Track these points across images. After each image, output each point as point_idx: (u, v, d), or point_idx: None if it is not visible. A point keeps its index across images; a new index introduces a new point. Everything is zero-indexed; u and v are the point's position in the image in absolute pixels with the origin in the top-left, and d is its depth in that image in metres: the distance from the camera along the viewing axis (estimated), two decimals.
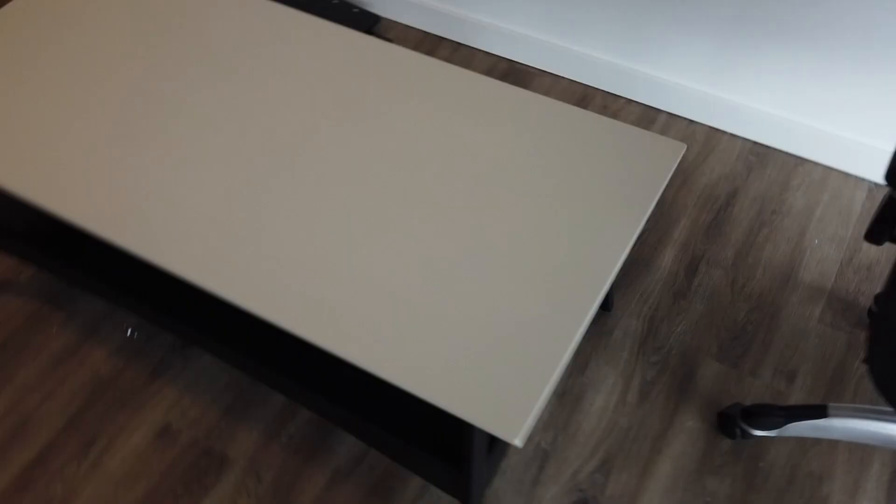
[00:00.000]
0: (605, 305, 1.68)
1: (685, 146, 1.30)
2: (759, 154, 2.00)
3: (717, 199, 1.90)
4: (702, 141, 2.03)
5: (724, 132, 2.05)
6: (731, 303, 1.71)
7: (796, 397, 1.55)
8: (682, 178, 1.94)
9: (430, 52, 2.22)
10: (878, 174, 1.92)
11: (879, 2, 1.65)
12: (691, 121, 2.08)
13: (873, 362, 1.06)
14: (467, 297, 1.09)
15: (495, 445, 1.27)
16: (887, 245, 1.81)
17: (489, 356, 1.03)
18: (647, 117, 2.08)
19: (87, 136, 1.27)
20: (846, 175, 1.96)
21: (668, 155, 1.29)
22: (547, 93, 2.11)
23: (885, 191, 1.10)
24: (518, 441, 0.97)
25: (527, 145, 1.28)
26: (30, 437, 1.47)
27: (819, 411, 1.40)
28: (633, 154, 1.27)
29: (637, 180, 1.23)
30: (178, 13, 1.49)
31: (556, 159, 1.26)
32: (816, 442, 1.50)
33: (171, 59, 1.40)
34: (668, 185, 1.92)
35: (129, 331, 1.62)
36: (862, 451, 1.49)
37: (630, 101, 2.12)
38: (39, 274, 1.71)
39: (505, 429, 0.98)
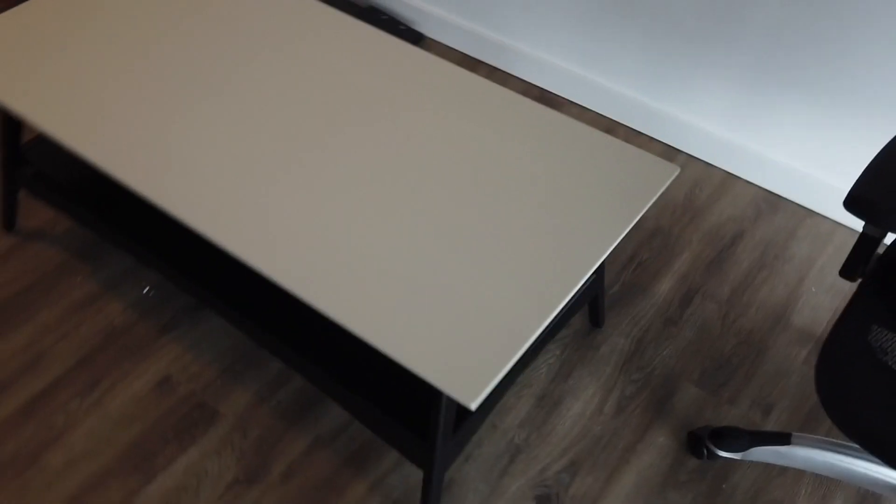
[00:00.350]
0: (596, 322, 1.75)
1: (678, 169, 1.38)
2: (771, 202, 2.06)
3: (723, 239, 1.96)
4: (716, 183, 2.10)
5: (739, 177, 2.12)
6: (719, 335, 1.76)
7: (769, 428, 1.60)
8: (690, 214, 2.01)
9: None
10: (887, 236, 1.97)
11: None
12: (709, 164, 2.15)
13: (822, 389, 1.12)
14: (452, 276, 1.17)
15: (462, 425, 1.34)
16: None
17: (462, 330, 1.11)
18: (667, 156, 2.16)
19: (131, 99, 1.40)
20: (854, 231, 2.01)
21: (661, 174, 1.37)
22: None
23: None
24: (473, 405, 1.05)
25: (530, 152, 1.37)
26: (41, 371, 1.58)
27: (783, 438, 1.44)
28: (628, 170, 1.35)
29: (628, 193, 1.31)
30: (235, 6, 1.63)
31: (556, 167, 1.35)
32: (783, 471, 1.54)
33: (218, 40, 1.53)
34: (675, 220, 1.99)
35: (147, 289, 1.73)
36: (826, 486, 1.52)
37: (652, 138, 2.20)
38: (73, 229, 1.83)
39: (464, 394, 1.06)
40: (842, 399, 1.10)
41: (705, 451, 1.52)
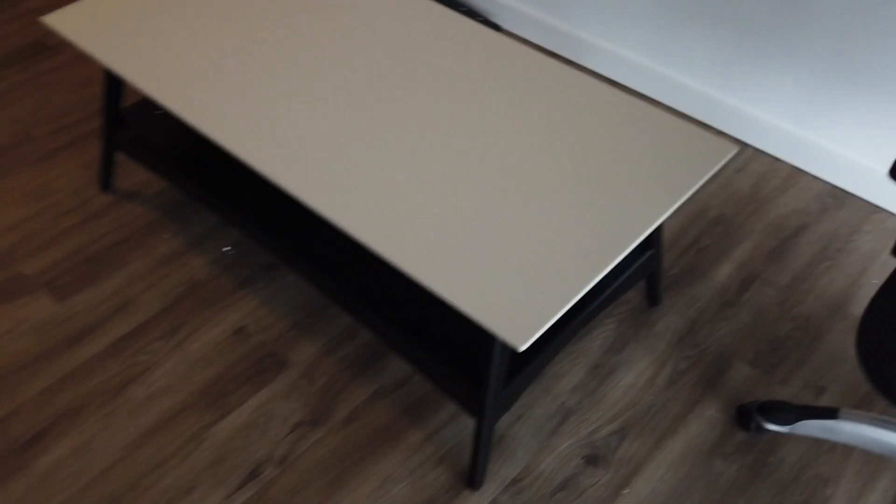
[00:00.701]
0: (654, 300, 1.79)
1: (737, 148, 1.43)
2: (837, 197, 2.08)
3: (786, 230, 1.99)
4: (783, 177, 2.12)
5: (805, 172, 2.14)
6: (776, 319, 1.79)
7: None
8: (755, 205, 2.04)
9: None
10: None
11: None
12: (775, 158, 2.17)
13: (862, 353, 1.15)
14: (514, 233, 1.25)
15: (514, 378, 1.40)
16: None
17: (516, 281, 1.19)
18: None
19: (229, 68, 1.52)
20: None
21: (719, 152, 1.42)
22: None
23: None
24: (522, 347, 1.12)
25: (600, 127, 1.44)
26: (129, 315, 1.71)
27: (830, 413, 1.47)
28: (689, 146, 1.41)
29: (686, 167, 1.37)
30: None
31: (623, 141, 1.41)
32: (831, 449, 1.56)
33: (314, 25, 1.64)
34: (739, 210, 2.02)
35: (227, 248, 1.85)
36: (875, 464, 1.54)
37: (720, 132, 2.23)
38: (162, 192, 1.97)
39: (514, 337, 1.13)
40: (881, 362, 1.14)
41: (753, 424, 1.56)
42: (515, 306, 1.15)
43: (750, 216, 2.01)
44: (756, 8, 1.99)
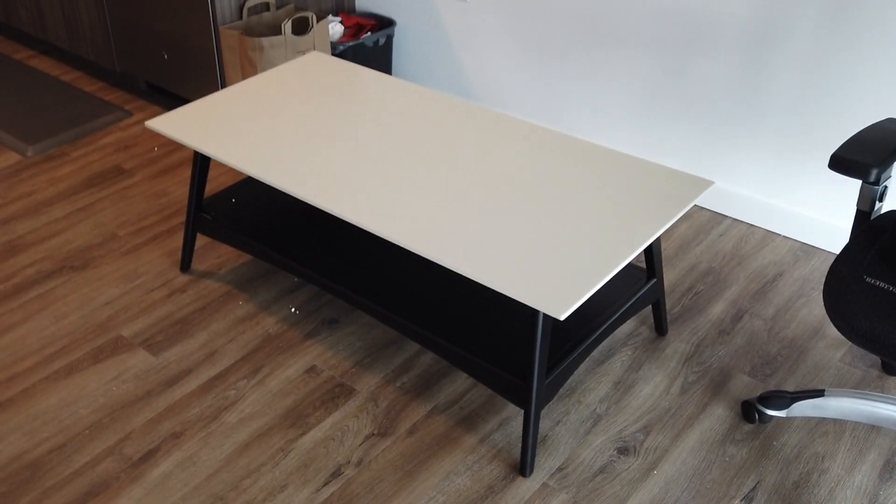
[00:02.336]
0: (661, 331, 2.11)
1: (713, 182, 1.80)
2: (807, 251, 2.43)
3: (766, 276, 2.33)
4: (759, 238, 2.49)
5: (777, 234, 2.50)
6: (766, 342, 2.10)
7: None
8: (737, 260, 2.39)
9: None
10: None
11: None
12: (751, 224, 2.54)
13: (828, 297, 1.48)
14: (549, 233, 1.60)
15: (553, 372, 1.70)
16: None
17: (552, 270, 1.53)
18: (715, 220, 2.57)
19: (300, 146, 1.91)
20: None
21: (700, 185, 1.80)
22: None
23: None
24: (562, 316, 1.44)
25: (608, 177, 1.82)
26: (215, 362, 2.00)
27: (818, 392, 1.76)
28: (677, 183, 1.79)
29: (677, 196, 1.74)
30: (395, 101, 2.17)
31: (626, 184, 1.79)
32: (825, 433, 1.83)
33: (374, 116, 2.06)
34: (725, 264, 2.37)
35: (293, 309, 2.17)
36: (863, 442, 1.81)
37: (701, 208, 2.62)
38: (233, 270, 2.30)
39: (555, 309, 1.45)
40: (843, 311, 1.45)
41: (756, 415, 1.83)
42: (554, 289, 1.48)
43: (734, 268, 2.36)
44: (722, 98, 2.43)
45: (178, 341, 2.07)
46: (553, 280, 1.51)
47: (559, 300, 1.46)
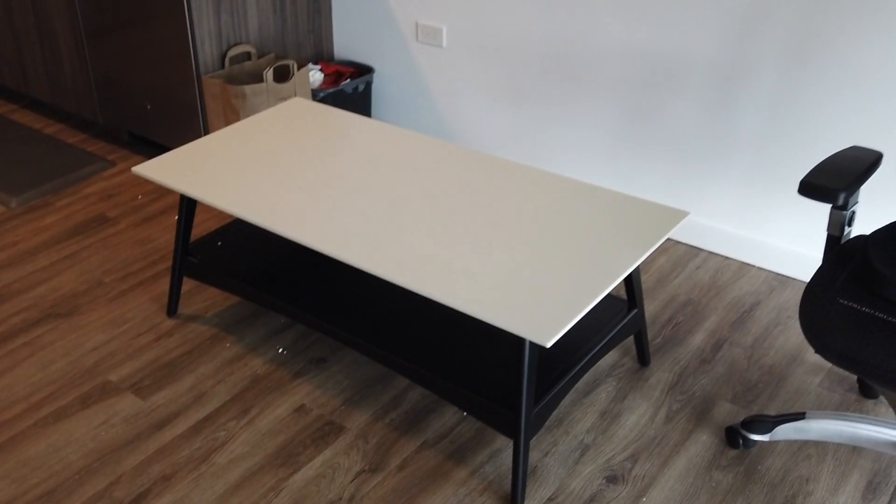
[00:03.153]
0: (644, 361, 2.14)
1: (689, 212, 1.86)
2: (781, 281, 2.50)
3: (743, 306, 2.38)
4: (734, 269, 2.55)
5: (752, 265, 2.57)
6: (746, 369, 2.14)
7: None
8: (715, 291, 2.45)
9: None
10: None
11: None
12: (726, 256, 2.61)
13: (804, 318, 1.53)
14: (532, 265, 1.64)
15: (541, 401, 1.72)
16: None
17: (537, 301, 1.57)
18: (691, 253, 2.63)
19: (287, 189, 1.95)
20: None
21: (676, 215, 1.85)
22: None
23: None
24: (548, 343, 1.47)
25: (586, 205, 1.87)
26: (204, 404, 2.01)
27: (799, 416, 1.80)
28: (653, 214, 1.84)
29: (656, 224, 1.79)
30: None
31: (606, 217, 1.84)
32: (808, 456, 1.86)
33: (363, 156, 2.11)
34: (703, 295, 2.42)
35: (280, 350, 2.18)
36: (845, 464, 1.84)
37: (678, 242, 2.68)
38: (219, 313, 2.32)
39: (541, 337, 1.49)
40: (819, 331, 1.50)
41: (741, 440, 1.87)
42: (539, 317, 1.52)
43: (712, 299, 2.41)
44: (692, 134, 2.51)
45: (166, 385, 2.07)
46: (538, 309, 1.55)
47: (544, 328, 1.50)
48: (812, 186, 1.54)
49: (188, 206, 2.13)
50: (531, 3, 2.66)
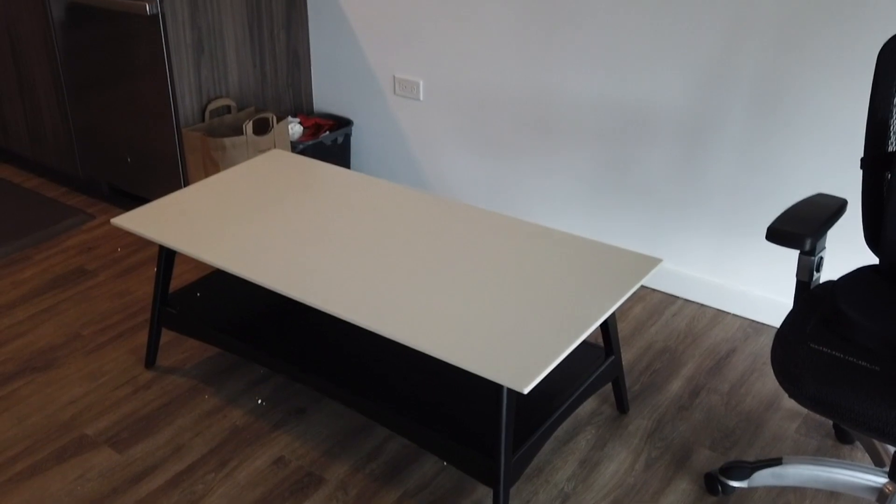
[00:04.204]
0: (622, 409, 2.16)
1: (662, 259, 1.89)
2: (756, 328, 2.53)
3: (719, 353, 2.41)
4: (710, 317, 2.58)
5: (728, 312, 2.60)
6: (724, 415, 2.16)
7: None
8: (691, 338, 2.47)
9: None
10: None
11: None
12: (701, 304, 2.64)
13: (776, 363, 1.55)
14: (508, 312, 1.66)
15: (519, 449, 1.73)
16: None
17: (514, 347, 1.58)
18: (667, 301, 2.66)
19: (263, 238, 1.97)
20: None
21: (650, 262, 1.89)
22: None
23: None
24: (526, 389, 1.49)
25: (560, 253, 1.90)
26: (182, 457, 2.00)
27: (776, 461, 1.81)
28: (628, 261, 1.88)
29: (631, 271, 1.83)
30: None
31: (583, 263, 1.87)
32: (786, 502, 1.87)
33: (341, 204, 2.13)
34: (679, 342, 2.45)
35: (259, 401, 2.18)
36: None
37: (654, 290, 2.72)
38: (198, 365, 2.32)
39: (518, 383, 1.51)
40: (791, 376, 1.53)
41: (720, 486, 1.87)
42: (516, 364, 1.53)
43: (689, 346, 2.44)
44: (664, 183, 2.56)
45: (143, 438, 2.06)
46: (515, 356, 1.56)
47: (522, 375, 1.51)
48: (779, 233, 1.58)
49: (167, 257, 2.14)
50: (506, 57, 2.72)
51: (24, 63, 3.14)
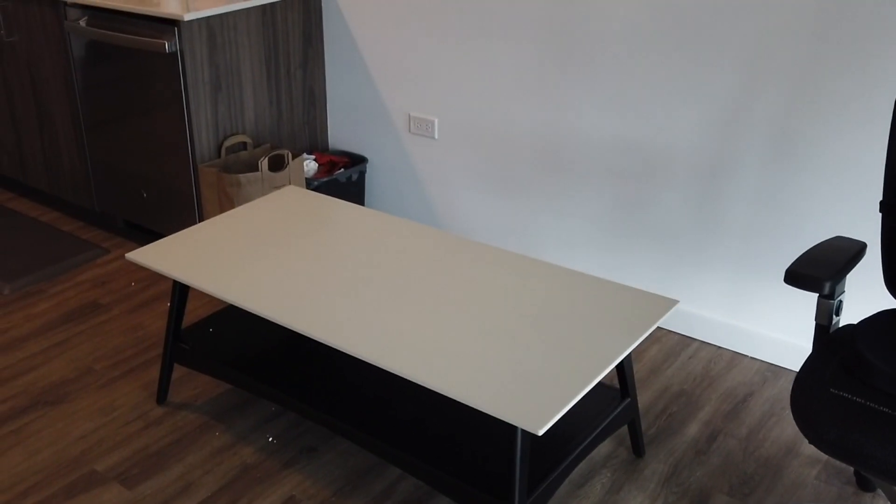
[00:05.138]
0: (639, 452, 2.12)
1: (678, 300, 1.88)
2: (774, 371, 2.50)
3: (737, 397, 2.37)
4: (727, 359, 2.55)
5: (745, 355, 2.57)
6: (742, 461, 2.12)
7: None
8: (708, 381, 2.44)
9: None
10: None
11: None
12: (719, 346, 2.61)
13: (796, 408, 1.53)
14: (524, 352, 1.65)
15: (534, 489, 1.70)
16: None
17: (529, 389, 1.57)
18: (683, 343, 2.63)
19: (274, 275, 1.97)
20: None
21: (666, 303, 1.87)
22: None
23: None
24: (540, 431, 1.47)
25: (579, 293, 1.89)
26: (192, 494, 1.98)
27: None
28: (645, 302, 1.86)
29: (648, 311, 1.81)
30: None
31: (601, 299, 1.86)
32: None
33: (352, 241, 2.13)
34: (696, 385, 2.41)
35: (270, 438, 2.16)
36: None
37: (670, 331, 2.69)
38: (210, 401, 2.30)
39: (533, 425, 1.49)
40: (812, 421, 1.50)
41: None
42: (531, 405, 1.52)
43: (705, 389, 2.41)
44: (681, 224, 2.54)
45: (153, 474, 2.04)
46: (530, 397, 1.54)
47: (537, 416, 1.49)
48: (798, 276, 1.56)
49: (180, 292, 2.14)
50: (521, 96, 2.73)
51: (44, 98, 3.18)
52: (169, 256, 2.07)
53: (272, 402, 2.01)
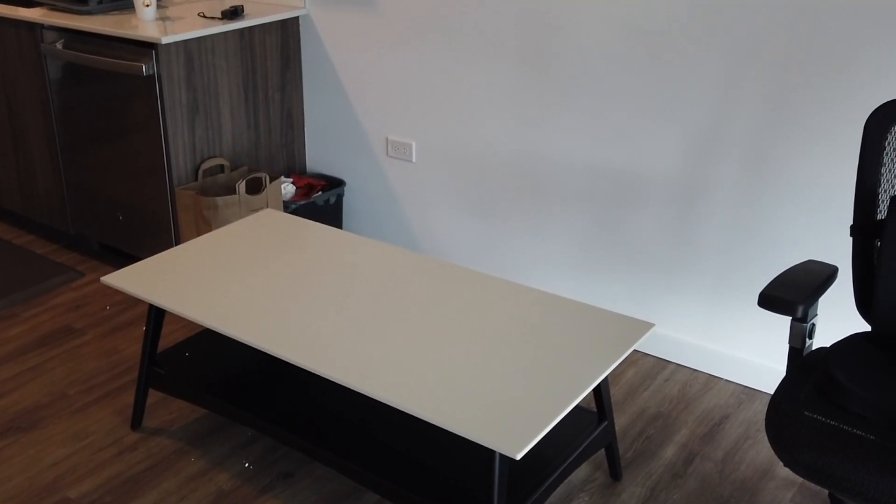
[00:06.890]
0: (616, 476, 2.13)
1: (654, 324, 1.89)
2: (749, 394, 2.51)
3: (713, 420, 2.39)
4: (702, 382, 2.56)
5: (720, 378, 2.59)
6: (718, 483, 2.13)
7: None
8: (684, 404, 2.45)
9: None
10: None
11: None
12: (694, 369, 2.63)
13: (770, 430, 1.54)
14: (502, 377, 1.65)
15: None
16: None
17: (506, 413, 1.57)
18: (659, 366, 2.65)
19: (248, 300, 1.96)
20: None
21: (642, 326, 1.89)
22: None
23: None
24: (518, 455, 1.47)
25: (555, 317, 1.90)
26: None
27: None
28: (621, 325, 1.87)
29: (625, 335, 1.82)
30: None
31: (578, 323, 1.87)
32: None
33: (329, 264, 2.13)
34: (672, 408, 2.43)
35: (247, 464, 2.14)
36: None
37: (646, 354, 2.71)
38: (185, 426, 2.28)
39: (511, 449, 1.49)
40: (786, 444, 1.51)
41: None
42: (509, 429, 1.52)
43: (682, 412, 2.42)
44: (656, 248, 2.57)
45: (127, 501, 2.01)
46: (508, 421, 1.54)
47: (515, 440, 1.50)
48: (771, 299, 1.58)
49: (156, 316, 2.13)
50: (498, 120, 2.76)
51: (19, 120, 3.16)
52: (145, 280, 2.06)
53: (248, 427, 2.00)
